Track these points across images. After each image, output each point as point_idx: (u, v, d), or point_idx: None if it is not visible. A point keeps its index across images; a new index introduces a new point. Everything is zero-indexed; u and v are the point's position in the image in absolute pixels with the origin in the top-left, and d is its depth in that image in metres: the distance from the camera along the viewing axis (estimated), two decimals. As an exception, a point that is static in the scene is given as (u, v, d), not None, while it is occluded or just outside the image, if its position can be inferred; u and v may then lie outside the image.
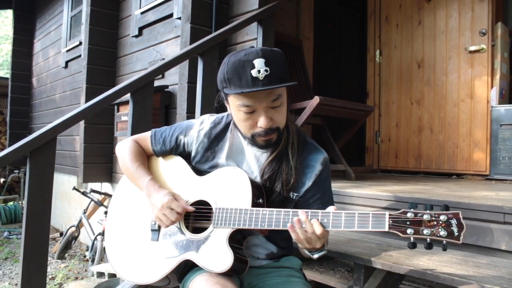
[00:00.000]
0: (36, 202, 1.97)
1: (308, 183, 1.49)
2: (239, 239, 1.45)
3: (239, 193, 1.41)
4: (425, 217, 1.19)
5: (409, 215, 1.21)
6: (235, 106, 1.39)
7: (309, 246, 1.31)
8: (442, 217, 1.17)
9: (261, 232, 1.46)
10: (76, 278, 3.98)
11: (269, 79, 1.31)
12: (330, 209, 1.31)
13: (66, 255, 4.65)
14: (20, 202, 7.22)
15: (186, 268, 1.50)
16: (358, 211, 1.26)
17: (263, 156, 1.52)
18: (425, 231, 1.18)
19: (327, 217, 1.28)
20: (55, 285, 3.74)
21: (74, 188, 4.54)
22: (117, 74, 4.68)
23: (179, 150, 1.62)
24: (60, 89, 6.24)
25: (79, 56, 5.45)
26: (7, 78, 7.91)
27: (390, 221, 1.22)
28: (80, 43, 5.42)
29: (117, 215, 1.66)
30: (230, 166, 1.52)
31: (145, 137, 1.66)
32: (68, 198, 5.85)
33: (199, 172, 1.58)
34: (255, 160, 1.53)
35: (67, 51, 5.99)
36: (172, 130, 1.63)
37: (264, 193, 1.46)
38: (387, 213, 1.23)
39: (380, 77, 4.44)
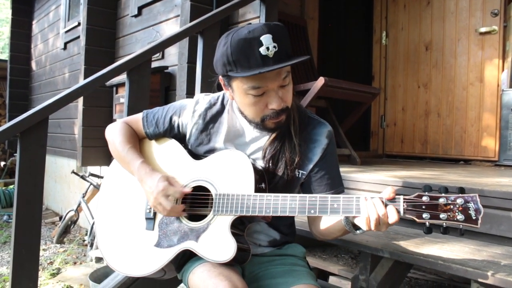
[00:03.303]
0: (27, 186, 1.90)
1: (315, 158, 1.41)
2: (240, 226, 1.37)
3: (240, 177, 1.33)
4: (441, 200, 1.12)
5: (424, 198, 1.14)
6: (242, 90, 1.29)
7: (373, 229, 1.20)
8: (459, 200, 1.11)
9: (264, 218, 1.39)
10: (75, 263, 3.93)
11: (279, 56, 1.22)
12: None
13: (65, 239, 4.60)
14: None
15: (185, 258, 1.42)
16: (371, 195, 1.18)
17: (264, 137, 1.43)
18: (441, 215, 1.12)
19: (337, 202, 1.20)
20: (53, 270, 3.70)
21: (73, 172, 4.48)
22: (116, 55, 4.57)
23: (173, 132, 1.53)
24: (59, 71, 6.13)
25: (78, 37, 5.33)
26: (6, 61, 7.79)
27: (405, 205, 1.15)
28: (79, 24, 5.29)
29: (108, 202, 1.56)
30: (229, 149, 1.43)
31: (137, 119, 1.57)
32: (68, 182, 5.79)
33: (196, 156, 1.49)
34: (256, 141, 1.45)
35: (66, 32, 5.87)
36: (165, 111, 1.53)
37: (265, 178, 1.38)
38: (401, 196, 1.16)
39: (386, 59, 4.32)
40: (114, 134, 1.53)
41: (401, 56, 4.20)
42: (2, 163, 7.92)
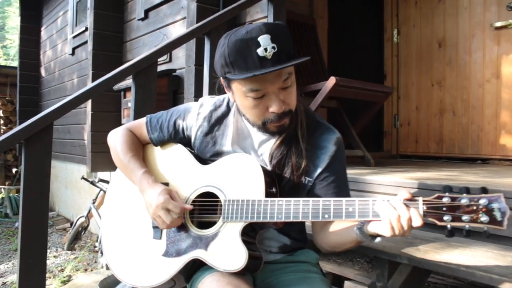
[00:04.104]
0: (33, 194, 1.85)
1: (322, 166, 1.35)
2: (251, 233, 1.30)
3: (250, 182, 1.26)
4: (463, 201, 1.04)
5: (445, 200, 1.06)
6: (241, 92, 1.25)
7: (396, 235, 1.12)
8: (482, 201, 1.02)
9: (275, 224, 1.32)
10: (86, 270, 3.89)
11: (278, 57, 1.17)
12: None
13: (76, 246, 4.57)
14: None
15: (194, 267, 1.35)
16: (387, 198, 1.11)
17: (271, 140, 1.37)
18: (463, 217, 1.03)
19: (352, 205, 1.13)
20: (64, 277, 3.66)
21: (83, 178, 4.45)
22: (124, 60, 4.53)
23: (178, 136, 1.48)
24: (68, 76, 6.13)
25: (86, 42, 5.30)
26: (16, 68, 7.82)
27: (425, 207, 1.07)
28: (86, 29, 5.28)
29: (113, 210, 1.52)
30: (237, 153, 1.37)
31: (140, 124, 1.53)
32: (78, 188, 5.77)
33: (203, 161, 1.43)
34: (262, 145, 1.39)
35: (74, 37, 5.86)
36: (169, 115, 1.49)
37: (276, 182, 1.32)
38: (420, 198, 1.08)
39: (398, 57, 4.23)
40: (116, 141, 1.49)
41: (413, 54, 4.11)
42: (14, 170, 7.95)
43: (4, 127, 8.21)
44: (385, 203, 1.08)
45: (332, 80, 2.73)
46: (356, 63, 4.48)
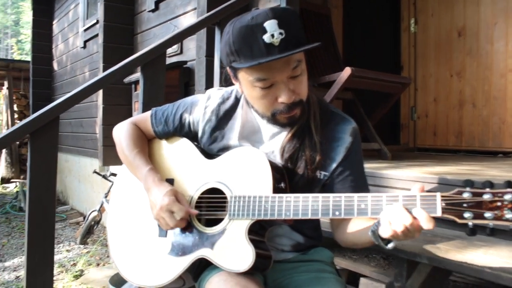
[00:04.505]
0: (39, 189, 1.82)
1: (338, 158, 1.27)
2: (259, 231, 1.23)
3: (257, 177, 1.20)
4: (486, 197, 0.94)
5: (465, 195, 0.96)
6: (248, 82, 1.18)
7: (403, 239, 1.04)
8: (507, 196, 0.92)
9: (285, 221, 1.25)
10: (98, 265, 3.88)
11: (285, 43, 1.09)
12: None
13: (88, 240, 4.55)
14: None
15: (202, 266, 1.30)
16: (401, 194, 1.02)
17: (283, 133, 1.30)
18: (486, 214, 0.94)
19: (364, 201, 1.05)
20: (76, 271, 3.64)
21: (95, 172, 4.44)
22: (134, 52, 4.44)
23: (184, 130, 1.42)
24: (80, 70, 6.13)
25: (97, 35, 5.30)
26: (29, 62, 7.86)
27: (443, 204, 0.97)
28: (97, 22, 5.25)
29: (119, 207, 1.47)
30: (243, 146, 1.31)
31: (145, 117, 1.47)
32: (91, 182, 5.77)
33: (209, 155, 1.37)
34: (273, 138, 1.32)
35: (85, 30, 5.85)
36: (175, 108, 1.43)
37: (286, 176, 1.24)
38: (438, 193, 0.98)
39: (415, 48, 4.12)
40: (121, 136, 1.44)
41: (431, 44, 3.99)
42: (29, 163, 8.00)
43: (18, 121, 8.27)
44: (394, 208, 1.00)
45: (347, 71, 2.65)
46: (372, 54, 4.37)
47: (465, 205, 0.96)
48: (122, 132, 1.45)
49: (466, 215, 0.95)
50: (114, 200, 1.49)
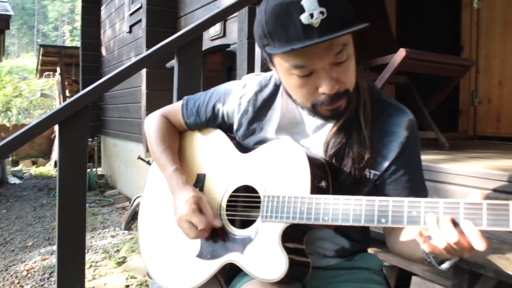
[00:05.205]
0: (69, 182, 1.76)
1: (391, 156, 1.11)
2: (296, 234, 1.08)
3: (293, 174, 1.05)
4: None
5: None
6: (284, 69, 1.03)
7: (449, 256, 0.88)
8: None
9: (326, 226, 1.11)
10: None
11: (327, 24, 0.93)
12: None
13: (133, 226, 4.57)
14: (94, 169, 7.38)
15: (233, 270, 1.18)
16: (462, 200, 0.82)
17: (328, 126, 1.13)
18: None
19: (416, 208, 0.86)
20: (119, 258, 3.64)
21: (139, 158, 4.42)
22: (178, 36, 4.40)
23: (217, 121, 1.30)
24: (126, 55, 6.16)
25: (141, 20, 5.25)
26: (79, 48, 8.01)
27: None
28: (141, 6, 5.20)
29: (150, 202, 1.39)
30: (279, 138, 1.16)
31: (176, 108, 1.36)
32: (137, 167, 5.81)
33: (244, 149, 1.23)
34: (318, 131, 1.16)
35: (130, 15, 5.85)
36: (208, 97, 1.30)
37: (329, 174, 1.08)
38: (511, 202, 0.77)
39: (478, 26, 3.75)
40: (150, 130, 1.35)
41: (498, 21, 3.61)
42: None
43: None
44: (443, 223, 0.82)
45: (401, 52, 2.40)
46: (429, 34, 4.06)
47: None
48: (151, 125, 1.36)
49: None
50: (146, 194, 1.41)
